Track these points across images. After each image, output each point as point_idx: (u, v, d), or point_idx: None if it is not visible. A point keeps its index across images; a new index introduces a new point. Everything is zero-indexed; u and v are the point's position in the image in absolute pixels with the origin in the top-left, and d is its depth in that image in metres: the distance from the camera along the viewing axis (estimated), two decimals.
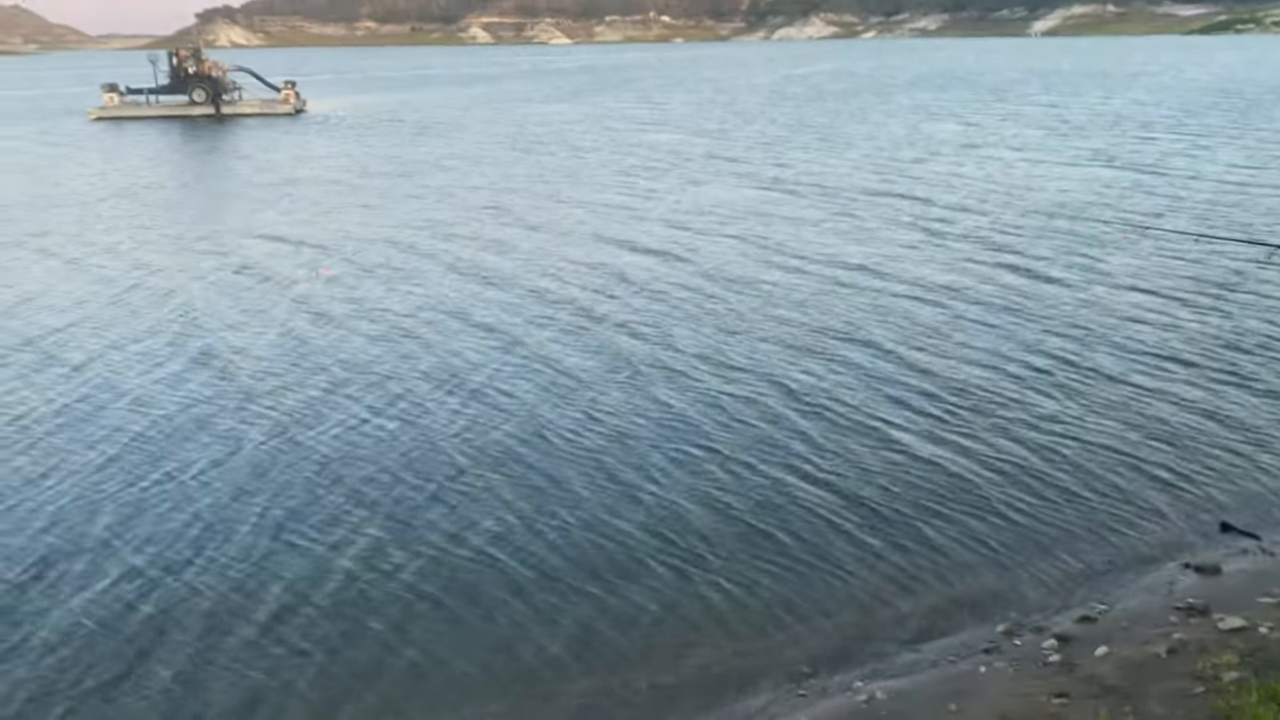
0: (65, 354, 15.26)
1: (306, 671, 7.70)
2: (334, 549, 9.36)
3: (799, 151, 38.74)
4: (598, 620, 8.25)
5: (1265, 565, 8.64)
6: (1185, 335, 14.83)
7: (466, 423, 12.26)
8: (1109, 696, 6.69)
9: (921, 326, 15.63)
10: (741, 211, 26.06)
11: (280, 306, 17.75)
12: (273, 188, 32.25)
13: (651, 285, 18.63)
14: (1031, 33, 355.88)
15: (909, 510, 9.83)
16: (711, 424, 12.05)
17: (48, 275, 20.56)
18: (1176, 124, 45.47)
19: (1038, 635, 7.83)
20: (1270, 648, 7.02)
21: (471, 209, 27.39)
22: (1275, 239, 20.25)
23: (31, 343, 15.84)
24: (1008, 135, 42.69)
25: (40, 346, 15.64)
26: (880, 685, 7.32)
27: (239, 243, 23.43)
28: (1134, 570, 8.79)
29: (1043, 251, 20.47)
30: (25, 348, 15.60)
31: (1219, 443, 11.12)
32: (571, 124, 53.01)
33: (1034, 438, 11.37)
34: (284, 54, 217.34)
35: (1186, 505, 9.83)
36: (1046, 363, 13.85)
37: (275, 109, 62.21)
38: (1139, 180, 29.30)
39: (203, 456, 11.49)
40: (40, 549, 9.48)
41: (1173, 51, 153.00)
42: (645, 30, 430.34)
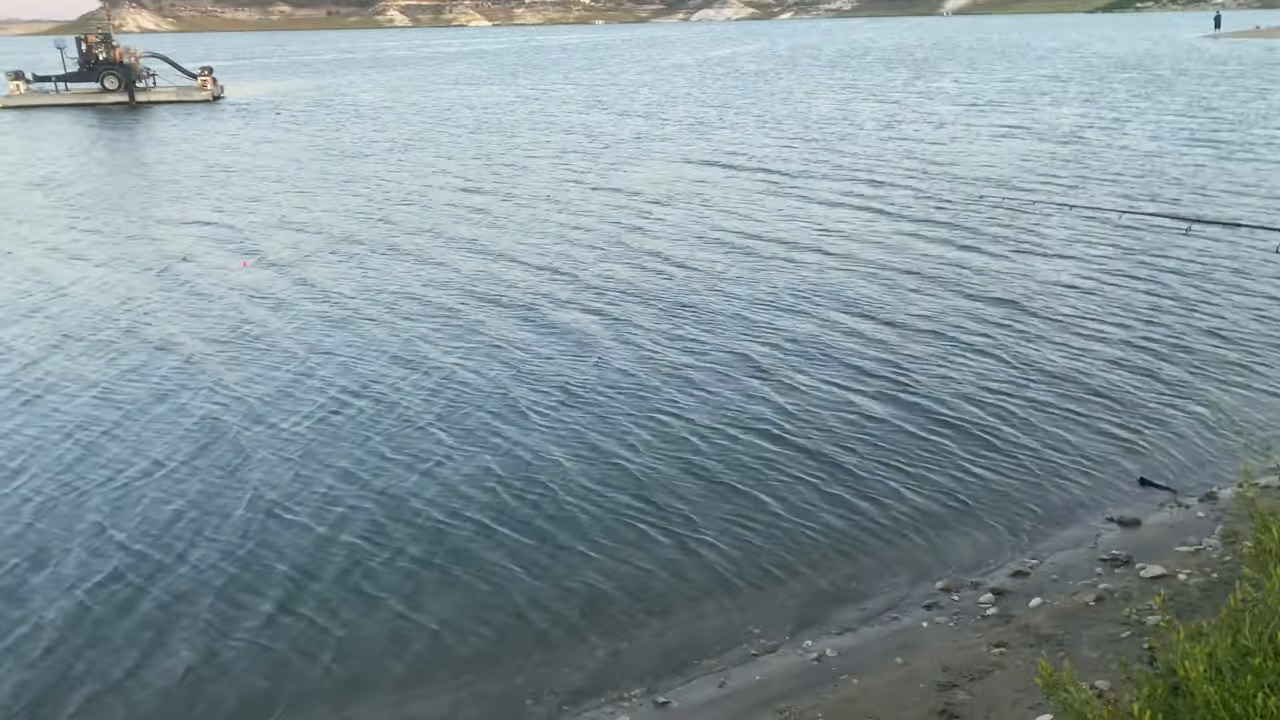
0: (15, 349, 14.91)
1: (309, 646, 7.80)
2: (319, 527, 9.40)
3: (730, 131, 39.14)
4: (549, 593, 8.43)
5: (1181, 517, 9.17)
6: (1103, 302, 15.48)
7: (439, 401, 12.33)
8: (1044, 644, 7.09)
9: (853, 298, 16.05)
10: (678, 190, 26.32)
11: (223, 295, 17.53)
12: (197, 176, 31.59)
13: (598, 265, 18.79)
14: (943, 11, 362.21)
15: (847, 477, 10.19)
16: (653, 398, 12.28)
17: None
18: (1089, 97, 46.90)
19: (975, 590, 8.22)
20: (1189, 593, 7.49)
21: (405, 194, 27.20)
22: (1192, 212, 21.17)
23: None
24: (929, 111, 43.62)
25: None
26: (829, 643, 7.64)
27: (170, 233, 23.01)
28: (1061, 526, 9.25)
29: (968, 223, 21.10)
30: None
31: (1136, 404, 11.69)
32: (501, 106, 52.73)
33: (962, 405, 11.82)
34: (195, 39, 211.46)
35: (1108, 463, 10.35)
36: (973, 330, 14.37)
37: (192, 96, 60.62)
38: (1056, 151, 30.24)
39: (181, 444, 11.44)
40: (32, 539, 9.41)
41: (1078, 29, 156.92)
42: (565, 13, 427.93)
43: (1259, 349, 13.33)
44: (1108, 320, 14.70)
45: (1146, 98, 46.24)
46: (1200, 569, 7.83)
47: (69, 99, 59.41)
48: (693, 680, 7.40)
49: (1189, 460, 10.41)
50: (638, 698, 7.24)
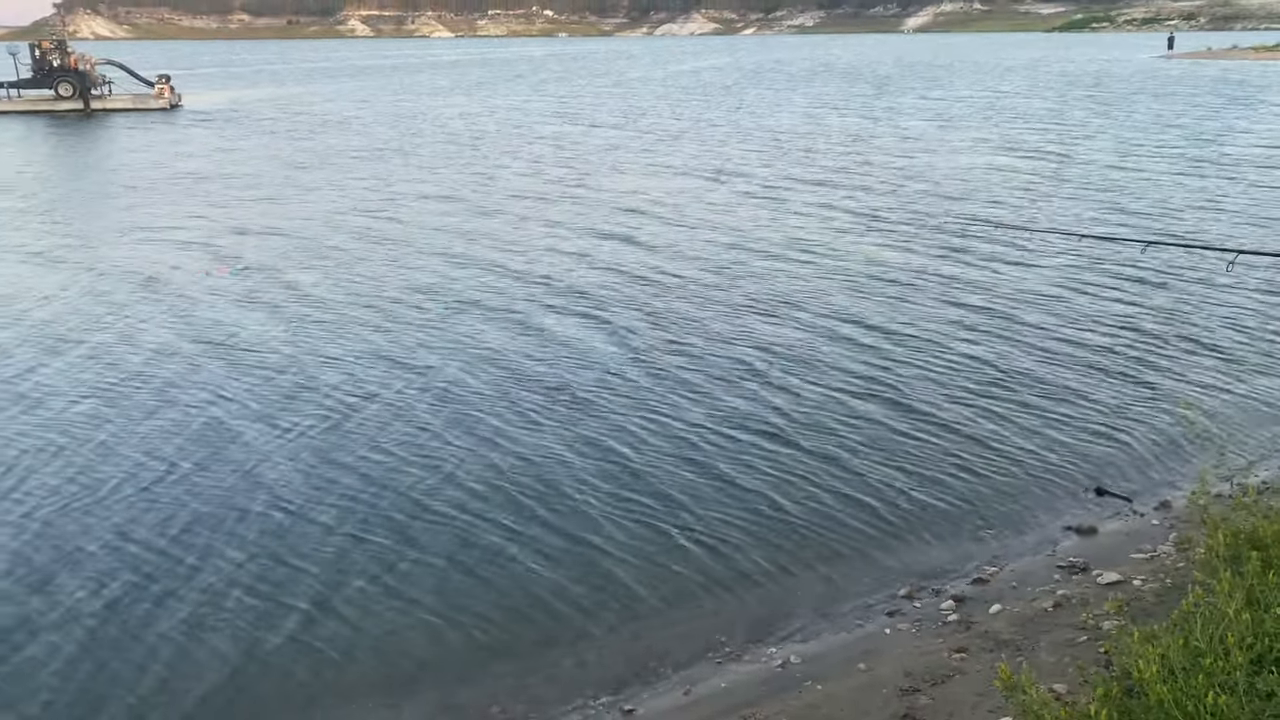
0: None
1: (272, 657, 7.73)
2: (277, 540, 9.33)
3: (698, 145, 39.37)
4: (515, 601, 8.43)
5: (1137, 525, 9.36)
6: (1062, 314, 15.78)
7: (394, 411, 12.28)
8: (1003, 649, 7.21)
9: (817, 308, 16.21)
10: (655, 199, 26.50)
11: (199, 300, 17.34)
12: (156, 185, 31.25)
13: (575, 272, 18.83)
14: (904, 29, 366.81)
15: (808, 487, 10.28)
16: (610, 408, 12.33)
17: None
18: (1050, 114, 47.75)
19: (936, 597, 8.34)
20: (1144, 598, 7.65)
21: (370, 202, 27.09)
22: (1152, 227, 21.64)
23: None
24: (897, 126, 44.18)
25: None
26: (793, 650, 7.72)
27: (132, 240, 22.72)
28: (1021, 534, 9.41)
29: (931, 234, 21.40)
30: None
31: (1093, 415, 11.91)
32: (468, 117, 52.66)
33: (922, 416, 11.98)
34: (153, 47, 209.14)
35: (1066, 473, 10.53)
36: (932, 341, 14.58)
37: (149, 104, 59.90)
38: (1018, 166, 30.74)
39: (190, 448, 11.38)
40: (56, 543, 9.36)
41: (1037, 48, 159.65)
42: (529, 25, 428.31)
43: (1216, 362, 13.63)
44: (1066, 333, 14.97)
45: (1106, 115, 47.18)
46: (1154, 575, 8.00)
47: (21, 105, 58.50)
48: (658, 688, 7.44)
49: (1144, 470, 10.62)
50: (604, 706, 7.27)
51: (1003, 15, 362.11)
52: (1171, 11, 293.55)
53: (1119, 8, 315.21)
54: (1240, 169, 30.07)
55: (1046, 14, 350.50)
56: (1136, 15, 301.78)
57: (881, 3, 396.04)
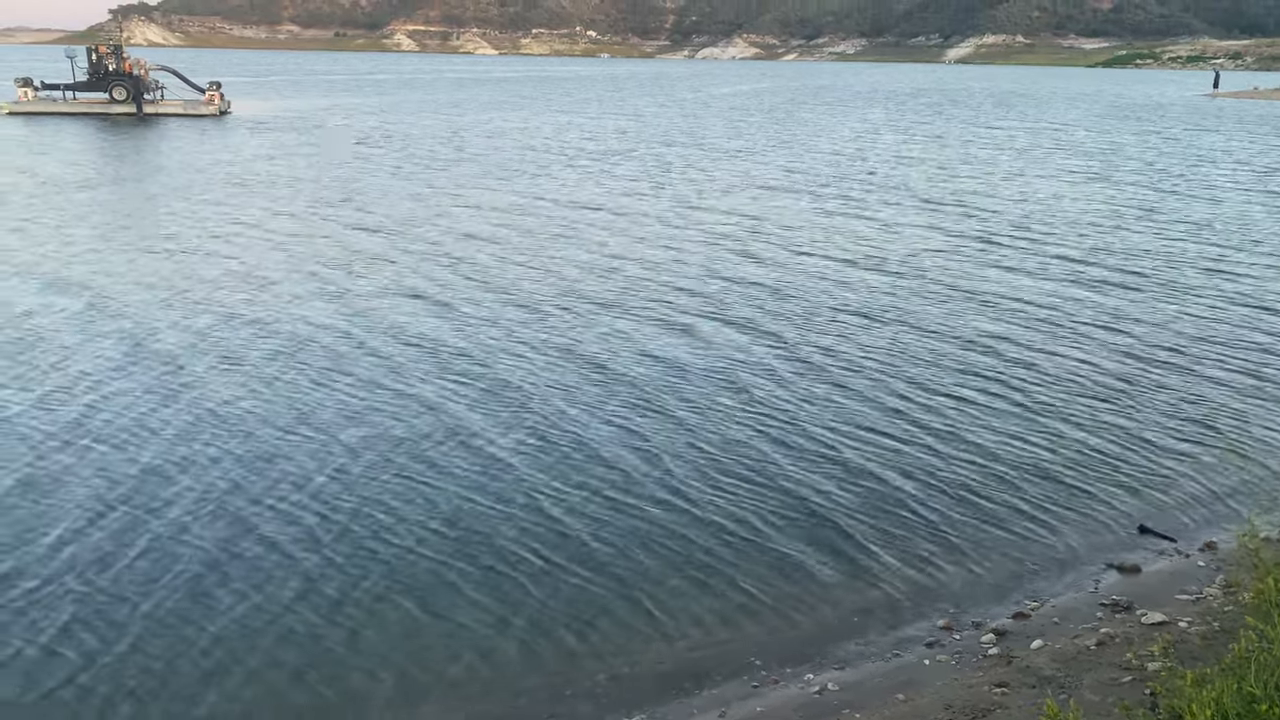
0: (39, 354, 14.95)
1: (306, 663, 7.78)
2: (299, 551, 9.40)
3: (784, 163, 39.47)
4: (555, 617, 8.43)
5: (1182, 565, 9.22)
6: (1110, 351, 15.62)
7: (413, 424, 12.35)
8: (1046, 686, 7.11)
9: (858, 339, 16.14)
10: (740, 214, 26.52)
11: (246, 308, 17.56)
12: (207, 188, 31.69)
13: (649, 286, 18.89)
14: (945, 60, 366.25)
15: (850, 516, 10.22)
16: (655, 431, 12.32)
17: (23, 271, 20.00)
18: (1116, 145, 47.49)
19: (976, 630, 8.25)
20: (1191, 640, 7.52)
21: (421, 213, 27.31)
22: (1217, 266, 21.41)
23: None
24: (987, 155, 44.07)
25: None
26: (830, 677, 7.66)
27: (184, 244, 23.04)
28: (1062, 570, 9.29)
29: (991, 262, 21.28)
30: None
31: (1136, 452, 11.77)
32: (525, 131, 53.06)
33: (965, 449, 11.89)
34: (203, 54, 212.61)
35: (1108, 510, 10.40)
36: (978, 375, 14.48)
37: (199, 110, 60.96)
38: (1093, 193, 30.58)
39: (223, 458, 11.42)
40: (106, 549, 9.39)
41: (1084, 82, 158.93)
42: (571, 44, 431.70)
43: (1266, 403, 13.44)
44: (1113, 369, 14.82)
45: (1167, 145, 46.84)
46: (1201, 617, 7.87)
47: (76, 108, 59.67)
48: (693, 708, 7.40)
49: (1188, 509, 10.48)
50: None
51: (1045, 49, 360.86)
52: (1218, 50, 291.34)
53: (1164, 45, 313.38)
54: None
55: (1089, 49, 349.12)
56: (1181, 53, 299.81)
57: (924, 33, 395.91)
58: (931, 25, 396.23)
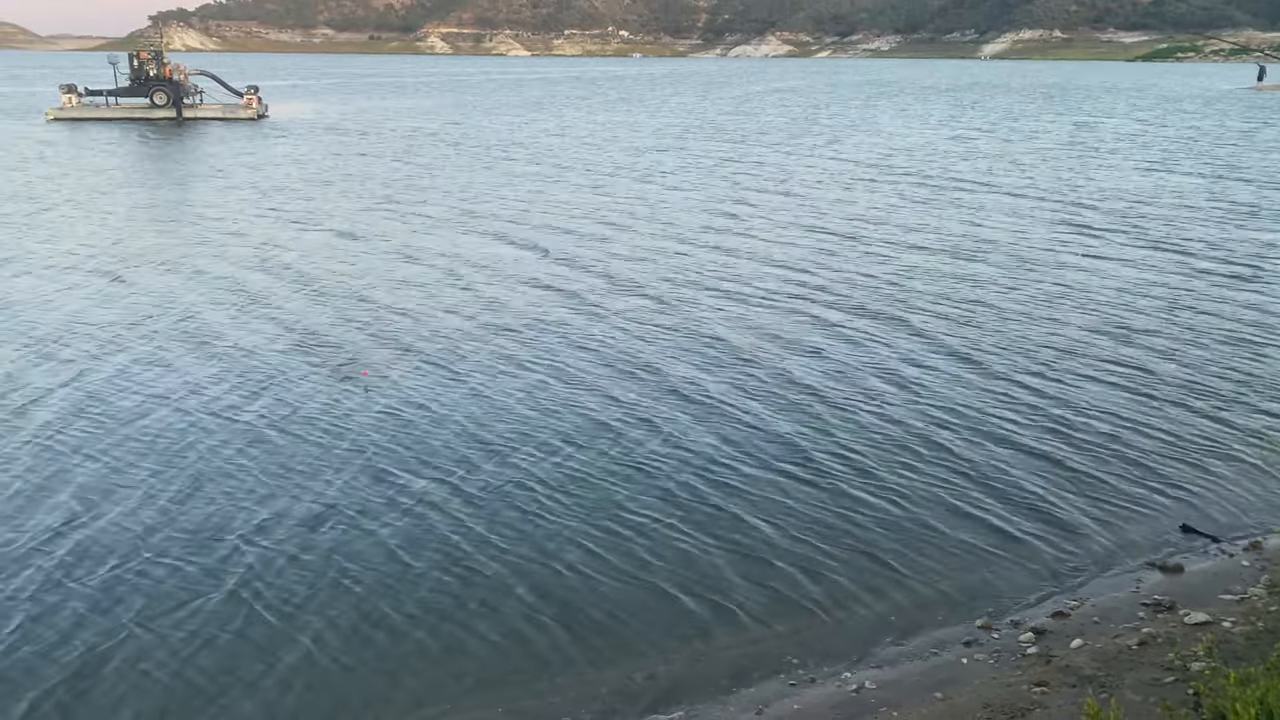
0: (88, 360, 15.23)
1: (345, 662, 7.89)
2: (343, 545, 9.53)
3: (853, 155, 39.40)
4: (594, 614, 8.48)
5: (1225, 565, 9.10)
6: (1151, 346, 15.43)
7: (482, 416, 12.46)
8: (1086, 685, 7.05)
9: (905, 332, 16.06)
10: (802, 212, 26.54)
11: (289, 311, 17.81)
12: (249, 192, 32.11)
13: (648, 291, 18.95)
14: (981, 55, 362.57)
15: (886, 515, 10.19)
16: (697, 429, 12.34)
17: (50, 278, 20.39)
18: (1175, 136, 46.93)
19: (1015, 629, 8.19)
20: (1234, 641, 7.43)
21: (459, 215, 27.51)
22: None
23: (40, 348, 15.78)
24: (1036, 143, 43.75)
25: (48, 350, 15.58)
26: (868, 675, 7.64)
27: (226, 247, 23.38)
28: (1102, 569, 9.20)
29: (1038, 253, 21.10)
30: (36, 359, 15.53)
31: (1178, 449, 11.63)
32: (558, 135, 53.28)
33: (1003, 446, 11.80)
34: (240, 59, 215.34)
35: (1149, 508, 10.29)
36: (1018, 371, 14.36)
37: (237, 114, 61.76)
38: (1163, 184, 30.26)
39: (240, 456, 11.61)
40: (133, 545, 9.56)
41: (1131, 76, 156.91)
42: (603, 45, 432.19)
43: None
44: (1154, 365, 14.66)
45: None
46: (1245, 617, 7.77)
47: (118, 113, 60.68)
48: (730, 706, 7.41)
49: (1232, 508, 10.33)
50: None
51: (1083, 44, 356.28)
52: (1262, 43, 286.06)
53: (1206, 36, 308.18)
54: None
55: (1129, 43, 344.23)
56: (1224, 45, 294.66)
57: (959, 28, 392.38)
58: (967, 21, 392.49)
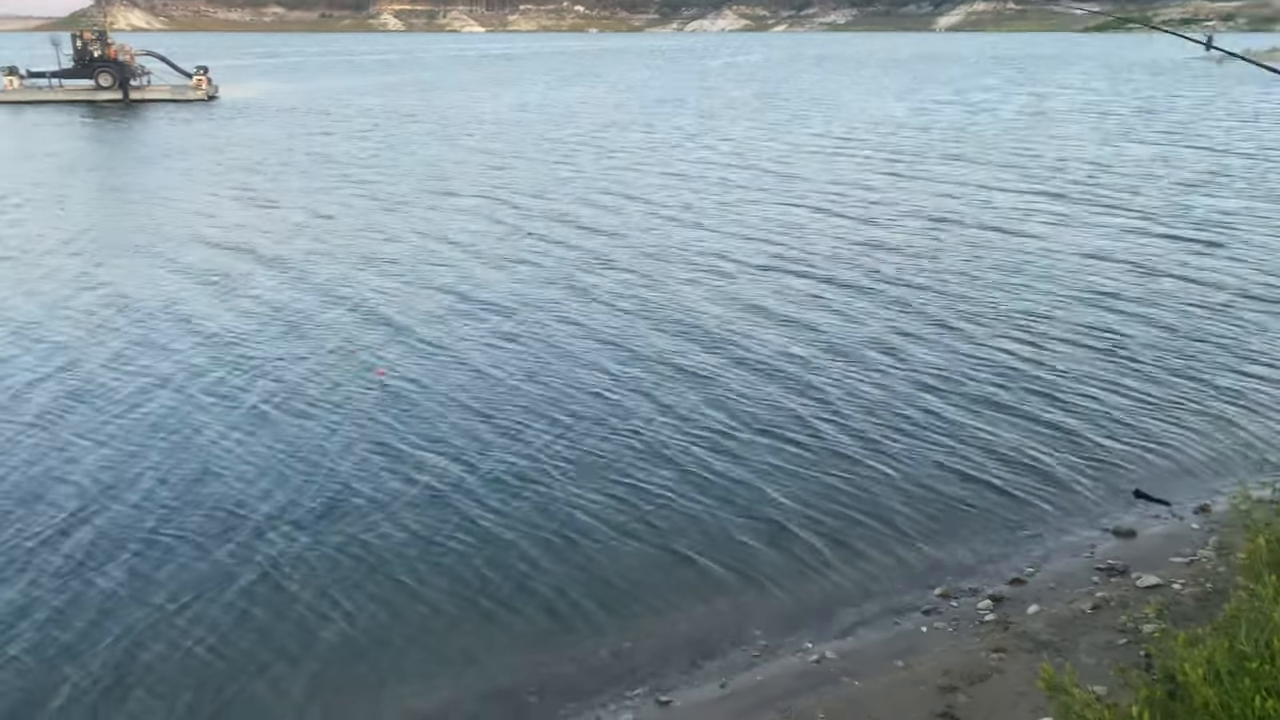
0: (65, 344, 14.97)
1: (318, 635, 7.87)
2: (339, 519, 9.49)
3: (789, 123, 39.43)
4: (560, 591, 8.54)
5: (1176, 529, 9.32)
6: (1102, 318, 15.67)
7: (460, 393, 12.42)
8: (1042, 650, 7.22)
9: (864, 310, 16.19)
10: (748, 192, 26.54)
11: (250, 287, 17.59)
12: (207, 174, 31.62)
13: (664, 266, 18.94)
14: (936, 28, 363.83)
15: (845, 487, 10.32)
16: (655, 408, 12.40)
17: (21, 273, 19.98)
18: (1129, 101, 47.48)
19: (973, 597, 8.35)
20: (1184, 602, 7.63)
21: (412, 195, 27.26)
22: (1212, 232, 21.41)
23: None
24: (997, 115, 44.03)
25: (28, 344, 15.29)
26: (830, 645, 7.77)
27: (195, 230, 23.02)
28: (1057, 535, 9.40)
29: (979, 222, 21.31)
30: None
31: (1130, 418, 11.86)
32: (522, 111, 52.86)
33: (957, 418, 11.97)
34: (188, 39, 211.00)
35: (1103, 476, 10.51)
36: (972, 344, 14.55)
37: (187, 95, 60.55)
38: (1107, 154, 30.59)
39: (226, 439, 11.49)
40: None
41: (1083, 46, 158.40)
42: (559, 20, 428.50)
43: (1258, 369, 13.50)
44: (1109, 333, 14.92)
45: None
46: (1195, 579, 7.98)
47: (63, 95, 59.34)
48: (695, 679, 7.51)
49: (1182, 474, 10.57)
50: (640, 696, 7.34)
51: (1036, 15, 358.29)
52: (1209, 12, 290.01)
53: (1155, 7, 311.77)
54: None
55: (1081, 13, 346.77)
56: (1173, 15, 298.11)
57: (914, 1, 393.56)
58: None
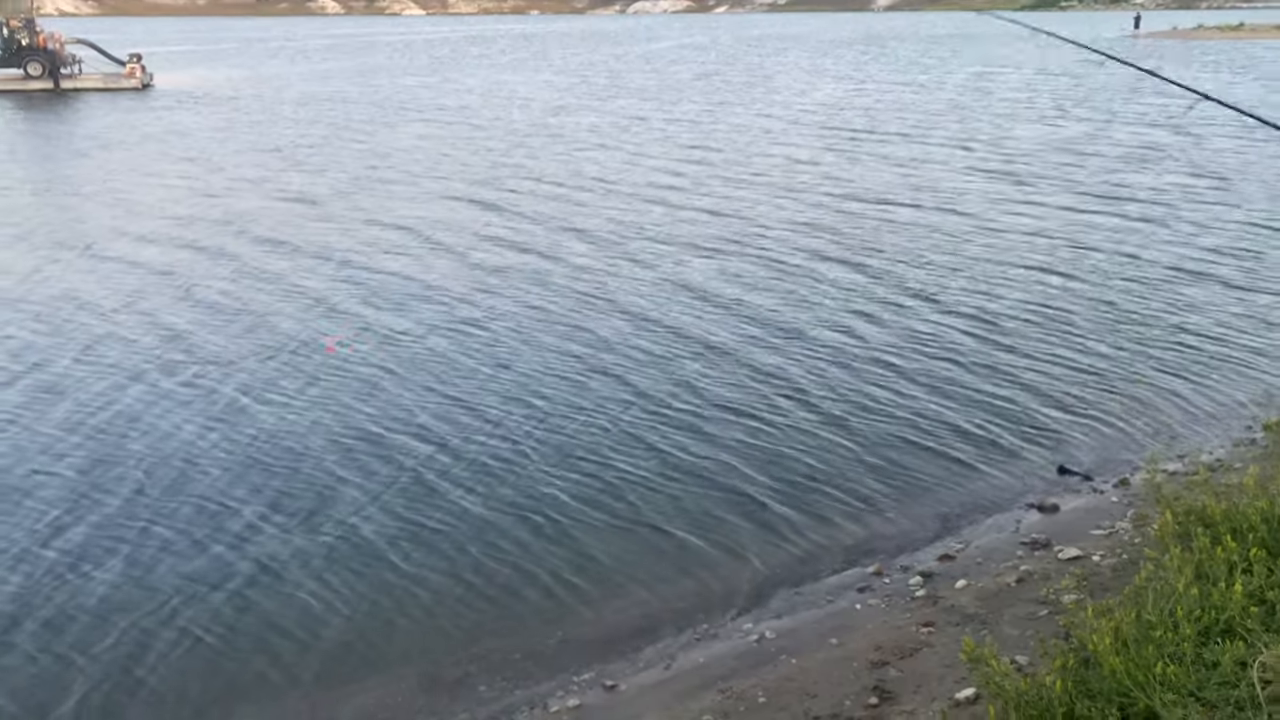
0: None
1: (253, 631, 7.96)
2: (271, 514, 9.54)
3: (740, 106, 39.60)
4: (499, 581, 8.71)
5: (1097, 502, 9.73)
6: (1021, 295, 16.15)
7: (379, 375, 12.48)
8: (969, 623, 7.54)
9: (775, 289, 16.49)
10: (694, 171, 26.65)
11: (178, 282, 17.42)
12: (151, 164, 31.10)
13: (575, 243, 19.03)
14: (875, 7, 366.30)
15: (779, 468, 10.60)
16: (586, 388, 12.59)
17: None
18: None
19: (904, 574, 8.68)
20: (1102, 573, 8.01)
21: (354, 182, 27.08)
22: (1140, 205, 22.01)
23: None
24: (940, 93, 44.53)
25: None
26: (768, 625, 8.04)
27: (129, 228, 22.67)
28: (985, 512, 9.77)
29: (889, 199, 21.72)
30: None
31: (1055, 395, 12.31)
32: (473, 94, 52.48)
33: (887, 399, 12.32)
34: (120, 24, 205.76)
35: (1029, 453, 10.92)
36: (893, 322, 14.96)
37: (120, 84, 59.19)
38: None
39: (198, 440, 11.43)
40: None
41: (1017, 23, 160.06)
42: (500, 2, 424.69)
43: (1176, 342, 14.03)
44: (1041, 313, 15.37)
45: None
46: (1112, 550, 8.36)
47: None
48: (639, 663, 7.73)
49: (1104, 449, 11.00)
50: (587, 682, 7.54)
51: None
52: None
53: None
54: None
55: None
56: None
57: None
58: None
